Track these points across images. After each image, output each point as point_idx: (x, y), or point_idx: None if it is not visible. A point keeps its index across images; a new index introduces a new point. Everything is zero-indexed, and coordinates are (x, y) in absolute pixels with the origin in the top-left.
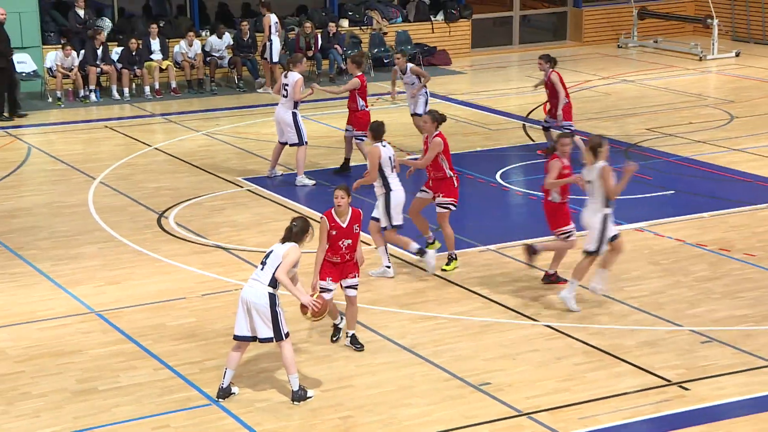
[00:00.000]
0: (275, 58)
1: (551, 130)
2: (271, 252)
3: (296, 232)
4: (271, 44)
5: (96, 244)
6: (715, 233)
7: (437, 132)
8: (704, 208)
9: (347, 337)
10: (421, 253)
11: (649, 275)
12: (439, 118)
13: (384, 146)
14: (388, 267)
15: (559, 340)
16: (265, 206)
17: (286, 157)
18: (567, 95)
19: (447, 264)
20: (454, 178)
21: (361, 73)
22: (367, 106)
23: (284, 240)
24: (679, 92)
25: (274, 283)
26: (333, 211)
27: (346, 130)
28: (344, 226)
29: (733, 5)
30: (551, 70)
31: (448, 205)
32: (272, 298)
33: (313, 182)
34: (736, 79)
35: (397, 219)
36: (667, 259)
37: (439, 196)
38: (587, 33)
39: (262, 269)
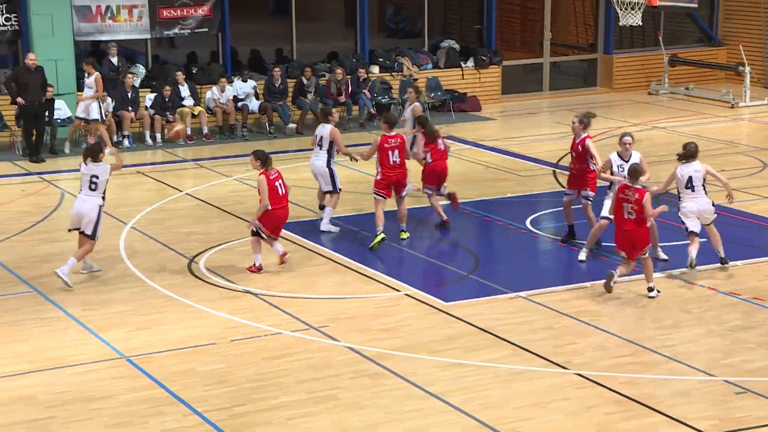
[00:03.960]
0: (105, 117)
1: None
2: None
3: None
4: (100, 103)
5: (127, 289)
6: (749, 282)
7: None
8: (737, 256)
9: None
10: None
11: (682, 324)
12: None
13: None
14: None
15: (590, 388)
16: (294, 251)
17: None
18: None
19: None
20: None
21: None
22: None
23: None
24: (711, 139)
25: None
26: None
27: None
28: None
29: (765, 52)
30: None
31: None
32: None
33: (338, 229)
34: None
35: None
36: (699, 308)
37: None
38: (618, 80)
39: None
